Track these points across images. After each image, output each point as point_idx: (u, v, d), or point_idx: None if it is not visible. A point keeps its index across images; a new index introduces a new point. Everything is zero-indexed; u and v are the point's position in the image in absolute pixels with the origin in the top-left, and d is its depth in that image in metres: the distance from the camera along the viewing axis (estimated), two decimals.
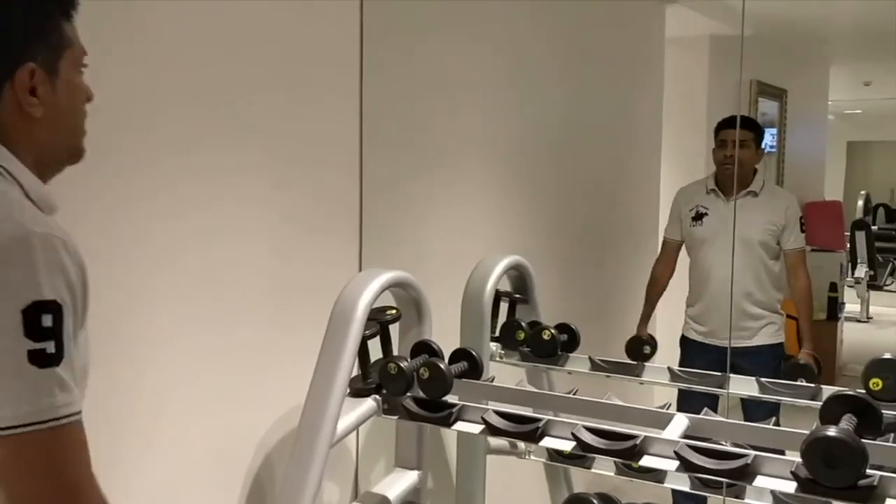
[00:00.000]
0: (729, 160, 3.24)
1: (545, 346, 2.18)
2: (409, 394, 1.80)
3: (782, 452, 1.49)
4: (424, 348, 1.88)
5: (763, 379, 1.91)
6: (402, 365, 1.78)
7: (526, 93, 2.99)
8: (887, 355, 1.77)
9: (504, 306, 2.35)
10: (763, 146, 3.41)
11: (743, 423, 1.59)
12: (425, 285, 2.39)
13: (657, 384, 2.07)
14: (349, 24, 2.20)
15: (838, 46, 6.02)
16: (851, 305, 7.30)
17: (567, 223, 3.36)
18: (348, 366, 1.74)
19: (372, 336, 1.84)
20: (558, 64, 3.21)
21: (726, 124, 3.30)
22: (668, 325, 3.63)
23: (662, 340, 3.89)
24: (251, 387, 1.99)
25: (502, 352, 2.24)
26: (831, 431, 1.35)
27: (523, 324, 2.24)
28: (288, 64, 2.05)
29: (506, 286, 2.36)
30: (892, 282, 8.97)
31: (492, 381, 1.90)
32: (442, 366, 1.75)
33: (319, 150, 2.15)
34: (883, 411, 1.71)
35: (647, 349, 3.29)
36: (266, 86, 1.99)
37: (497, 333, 2.27)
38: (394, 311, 1.91)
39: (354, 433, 2.27)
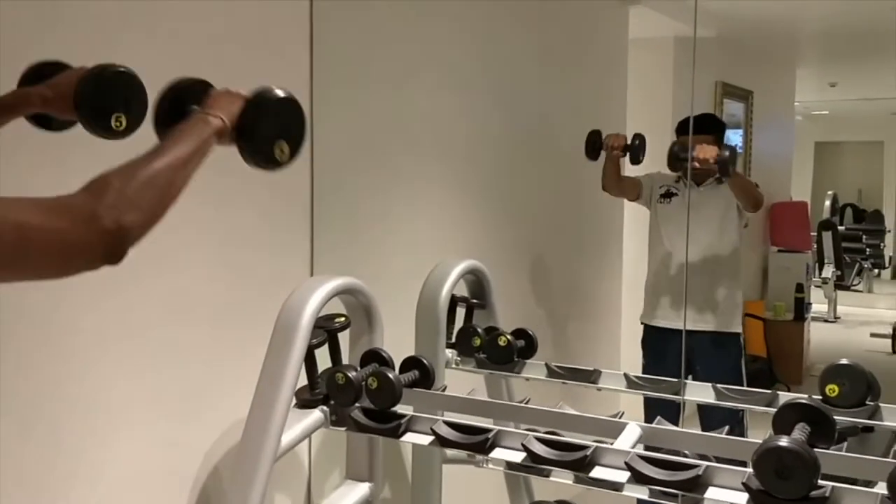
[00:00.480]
0: (695, 169, 3.24)
1: (501, 353, 2.14)
2: (357, 404, 1.75)
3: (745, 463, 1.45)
4: (374, 357, 1.83)
5: (720, 385, 1.88)
6: (349, 375, 1.73)
7: (487, 93, 2.95)
8: (844, 361, 1.75)
9: (462, 312, 2.31)
10: (727, 141, 3.40)
11: (697, 432, 1.56)
12: (381, 292, 2.34)
13: (614, 391, 2.03)
14: (298, 19, 2.14)
15: (804, 47, 6.04)
16: (819, 305, 7.34)
17: (529, 226, 3.32)
18: (293, 377, 1.68)
19: (319, 345, 1.78)
20: (520, 64, 3.17)
21: (685, 129, 3.29)
22: (634, 319, 3.61)
23: (626, 330, 3.88)
24: (197, 399, 1.93)
25: (458, 359, 2.20)
26: (783, 442, 1.31)
27: (479, 330, 2.19)
28: (232, 60, 1.99)
29: (464, 292, 2.32)
30: (860, 282, 9.05)
31: (444, 390, 1.86)
32: (391, 375, 1.70)
33: None
34: (840, 417, 1.70)
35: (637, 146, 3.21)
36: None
37: (453, 340, 2.23)
38: (342, 319, 1.86)
39: (306, 444, 2.22)
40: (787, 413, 1.46)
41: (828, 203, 9.76)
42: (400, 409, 1.75)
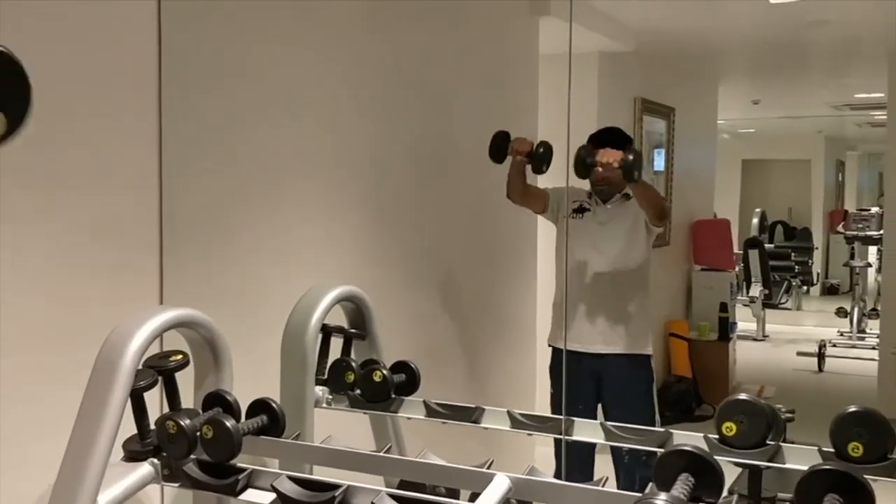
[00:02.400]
0: (601, 182, 3.17)
1: (376, 389, 1.92)
2: (193, 456, 1.52)
3: None
4: (218, 401, 1.60)
5: (608, 423, 1.69)
6: (182, 423, 1.49)
7: (376, 107, 2.74)
8: (742, 396, 1.57)
9: (340, 345, 2.09)
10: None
11: (571, 484, 1.36)
12: (248, 324, 2.12)
13: (497, 430, 1.82)
14: (143, 19, 1.91)
15: (725, 64, 6.00)
16: (747, 324, 7.31)
17: (431, 250, 3.12)
18: (111, 426, 1.44)
19: (148, 388, 1.55)
20: (417, 77, 2.97)
21: (594, 142, 3.22)
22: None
23: (542, 355, 3.70)
24: (15, 457, 1.67)
25: (330, 397, 1.97)
26: (659, 500, 1.13)
27: (354, 364, 1.97)
28: (67, 64, 1.75)
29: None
30: (788, 300, 9.07)
31: (297, 437, 1.63)
32: (228, 423, 1.47)
33: (106, 173, 1.85)
34: (736, 459, 1.53)
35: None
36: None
37: (326, 376, 2.00)
38: (179, 357, 1.62)
39: (158, 498, 1.97)
40: (669, 461, 1.27)
41: (756, 221, 9.81)
42: (245, 460, 1.53)
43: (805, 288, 9.44)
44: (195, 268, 2.07)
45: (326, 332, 2.02)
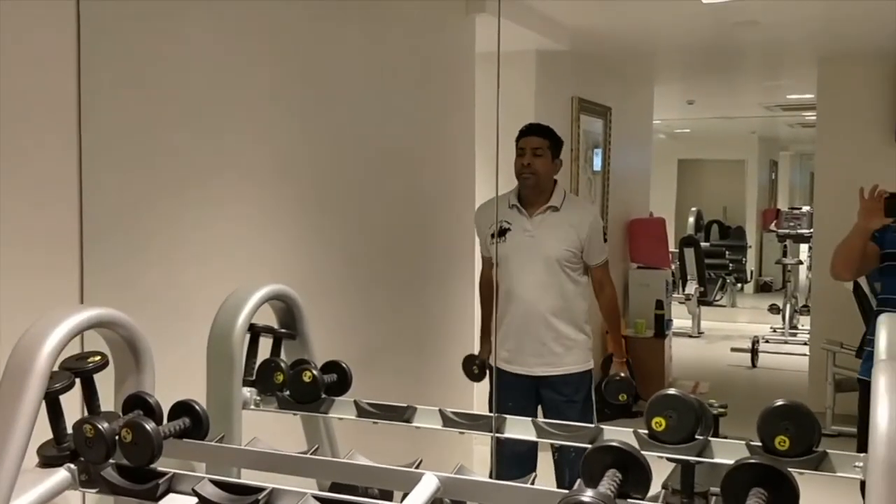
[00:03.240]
0: (527, 169, 3.15)
1: (306, 390, 1.88)
2: (112, 461, 1.46)
3: None
4: (139, 403, 1.55)
5: (540, 420, 1.68)
6: (99, 426, 1.44)
7: (309, 106, 2.70)
8: (672, 391, 1.57)
9: (270, 346, 2.04)
10: (560, 158, 3.27)
11: (499, 482, 1.35)
12: (174, 326, 2.06)
13: (427, 428, 1.80)
14: (62, 18, 1.84)
15: (660, 64, 6.09)
16: (683, 321, 7.44)
17: (365, 249, 3.08)
18: (23, 431, 1.38)
19: (64, 390, 1.49)
20: (352, 75, 2.93)
21: (524, 132, 3.21)
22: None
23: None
24: None
25: (258, 398, 1.93)
26: (585, 497, 1.12)
27: (283, 364, 1.93)
28: None
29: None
30: (722, 297, 9.24)
31: (221, 439, 1.59)
32: (148, 426, 1.42)
33: (23, 171, 1.78)
34: (665, 454, 1.53)
35: (475, 369, 3.14)
36: None
37: (255, 377, 1.96)
38: (97, 359, 1.56)
39: (79, 502, 1.90)
40: (596, 457, 1.26)
41: (692, 219, 9.98)
42: (171, 464, 1.48)
43: (739, 285, 9.67)
44: (117, 268, 2.01)
45: (255, 331, 1.97)
